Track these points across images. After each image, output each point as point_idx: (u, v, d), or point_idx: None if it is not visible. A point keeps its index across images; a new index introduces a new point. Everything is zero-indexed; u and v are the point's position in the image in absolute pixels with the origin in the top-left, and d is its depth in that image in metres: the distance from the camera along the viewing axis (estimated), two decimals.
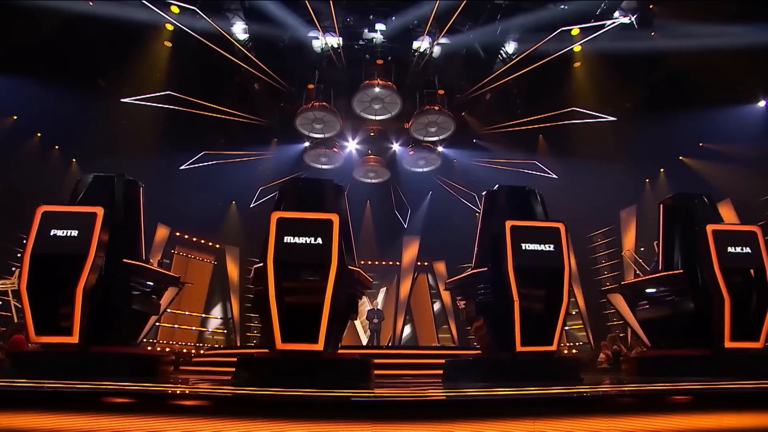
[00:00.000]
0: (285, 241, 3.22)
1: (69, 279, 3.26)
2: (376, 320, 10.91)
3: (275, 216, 3.26)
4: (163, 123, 12.90)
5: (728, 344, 3.52)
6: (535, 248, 3.43)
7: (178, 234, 15.60)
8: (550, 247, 3.47)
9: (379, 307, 12.08)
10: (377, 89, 11.54)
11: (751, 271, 3.65)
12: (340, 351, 3.77)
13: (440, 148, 13.73)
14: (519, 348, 3.25)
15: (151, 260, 4.30)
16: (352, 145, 13.77)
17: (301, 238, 3.24)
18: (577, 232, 15.06)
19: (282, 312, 3.13)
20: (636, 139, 12.51)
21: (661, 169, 13.66)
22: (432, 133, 12.94)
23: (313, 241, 3.25)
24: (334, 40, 10.81)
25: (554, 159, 14.06)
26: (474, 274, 3.66)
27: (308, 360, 3.19)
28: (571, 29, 10.63)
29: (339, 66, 11.25)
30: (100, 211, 3.37)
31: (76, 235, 3.32)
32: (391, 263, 17.70)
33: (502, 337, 3.39)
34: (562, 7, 10.16)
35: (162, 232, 14.91)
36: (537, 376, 3.24)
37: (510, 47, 11.14)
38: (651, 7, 9.35)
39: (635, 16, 9.29)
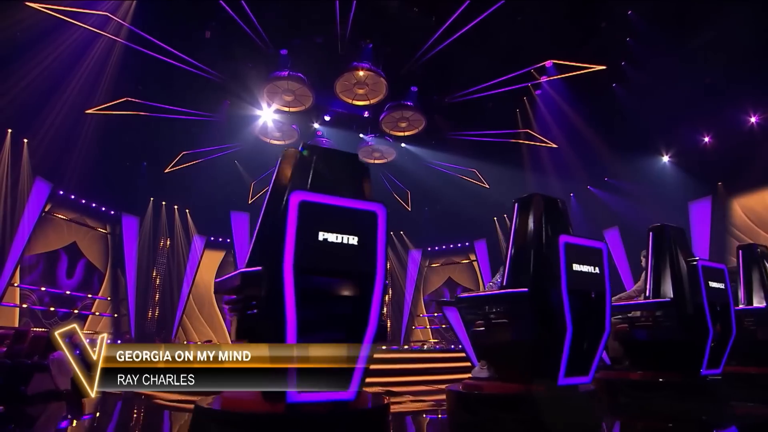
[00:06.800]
0: (574, 269, 2.98)
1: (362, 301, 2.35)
2: None
3: (563, 240, 2.98)
4: (78, 48, 9.89)
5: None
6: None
7: (61, 192, 12.18)
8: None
9: None
10: (362, 73, 10.91)
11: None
12: None
13: (403, 144, 13.72)
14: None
15: None
16: (314, 125, 12.75)
17: (585, 267, 3.05)
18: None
19: (573, 344, 2.90)
20: (560, 164, 14.57)
21: (571, 194, 16.22)
22: (400, 128, 12.87)
23: (593, 270, 3.11)
24: None
25: (492, 168, 15.30)
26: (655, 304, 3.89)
27: (573, 396, 3.02)
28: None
29: (334, 37, 10.25)
30: (381, 210, 2.52)
31: (355, 243, 2.42)
32: None
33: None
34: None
35: (40, 189, 11.46)
36: None
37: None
38: (623, 63, 11.00)
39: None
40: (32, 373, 5.10)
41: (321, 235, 2.24)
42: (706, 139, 11.73)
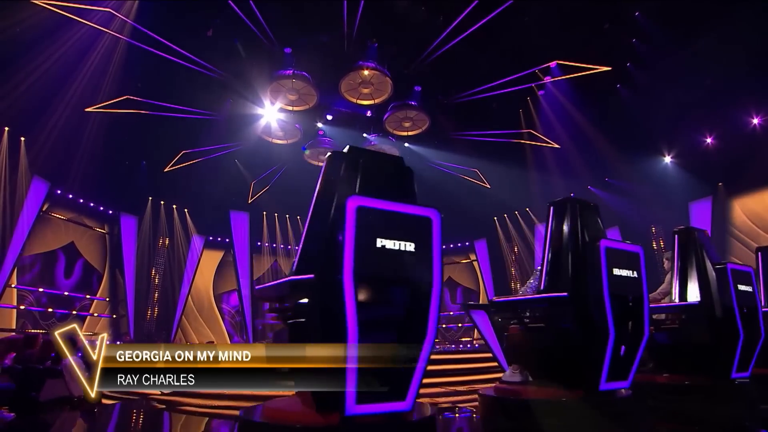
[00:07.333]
0: (614, 273, 2.98)
1: (420, 309, 2.31)
2: None
3: (604, 244, 2.99)
4: (80, 47, 9.69)
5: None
6: None
7: (59, 192, 11.94)
8: None
9: None
10: (367, 72, 10.83)
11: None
12: None
13: (406, 144, 13.67)
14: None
15: None
16: (318, 124, 12.66)
17: (625, 271, 3.07)
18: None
19: (615, 349, 2.90)
20: (562, 164, 14.62)
21: (572, 194, 16.27)
22: (404, 128, 12.82)
23: (632, 275, 3.12)
24: None
25: (494, 168, 15.29)
26: (683, 306, 3.91)
27: (614, 401, 3.03)
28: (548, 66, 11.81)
29: (340, 36, 10.15)
30: (436, 216, 2.46)
31: (412, 249, 2.36)
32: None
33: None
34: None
35: (38, 188, 11.22)
36: None
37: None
38: (628, 64, 11.05)
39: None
40: (44, 378, 4.97)
41: (379, 242, 2.18)
42: (709, 140, 11.84)
